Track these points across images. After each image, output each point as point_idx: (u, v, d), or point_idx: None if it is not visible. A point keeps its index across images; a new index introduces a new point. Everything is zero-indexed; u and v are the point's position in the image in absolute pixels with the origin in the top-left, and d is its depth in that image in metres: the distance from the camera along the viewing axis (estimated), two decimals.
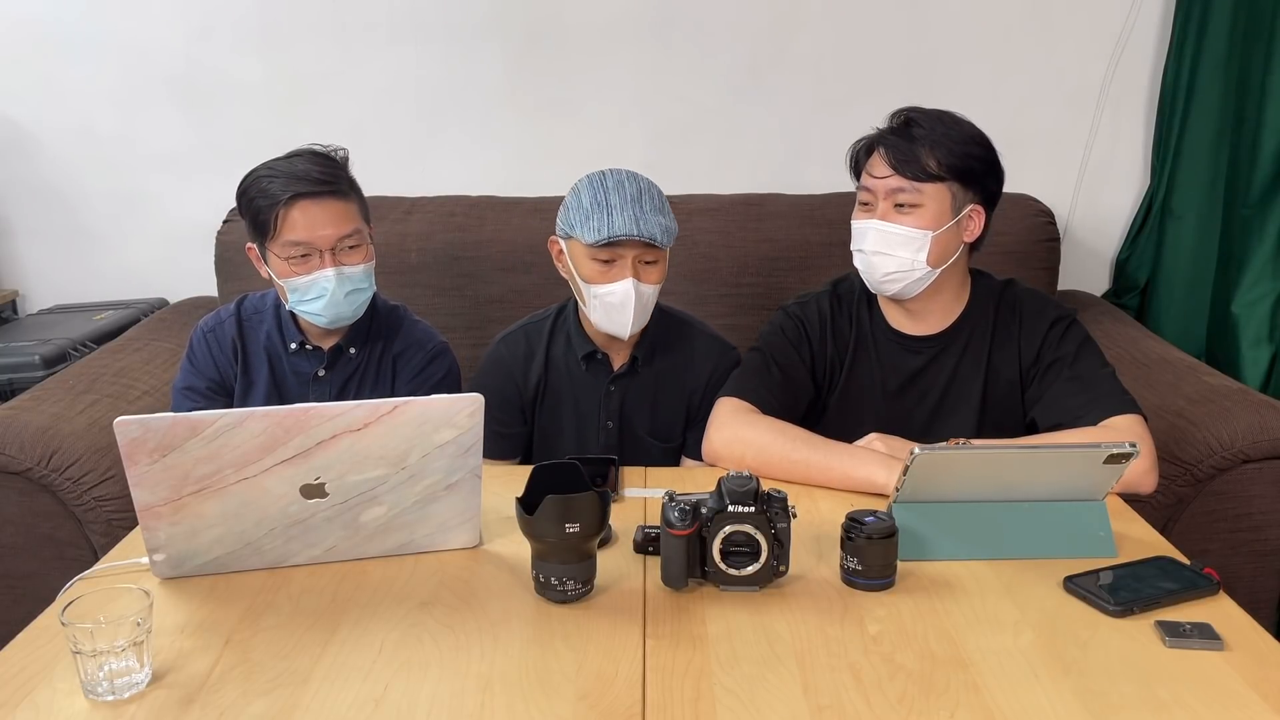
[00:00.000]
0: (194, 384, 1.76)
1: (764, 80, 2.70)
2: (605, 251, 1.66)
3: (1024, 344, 1.68)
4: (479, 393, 1.63)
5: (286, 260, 1.64)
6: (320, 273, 1.64)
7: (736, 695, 1.05)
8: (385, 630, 1.18)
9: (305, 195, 1.62)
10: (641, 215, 1.65)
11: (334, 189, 1.65)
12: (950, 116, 1.65)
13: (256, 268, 1.73)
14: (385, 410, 1.21)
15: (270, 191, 1.62)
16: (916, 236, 1.60)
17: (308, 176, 1.63)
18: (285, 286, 1.66)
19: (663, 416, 1.83)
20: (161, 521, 1.22)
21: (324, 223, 1.63)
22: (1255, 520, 1.96)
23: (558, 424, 1.84)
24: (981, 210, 1.65)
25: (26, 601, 1.50)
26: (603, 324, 1.72)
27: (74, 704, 1.05)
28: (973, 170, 1.62)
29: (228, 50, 2.67)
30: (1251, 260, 2.50)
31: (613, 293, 1.68)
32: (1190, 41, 2.54)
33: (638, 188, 1.69)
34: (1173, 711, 1.03)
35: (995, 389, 1.69)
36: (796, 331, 1.73)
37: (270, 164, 1.67)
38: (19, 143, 2.73)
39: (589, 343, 1.80)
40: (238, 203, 1.69)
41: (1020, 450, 1.42)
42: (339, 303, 1.66)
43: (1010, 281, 1.74)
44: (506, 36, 2.67)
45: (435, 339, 1.84)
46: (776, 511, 1.24)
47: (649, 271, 1.70)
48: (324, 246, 1.63)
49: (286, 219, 1.62)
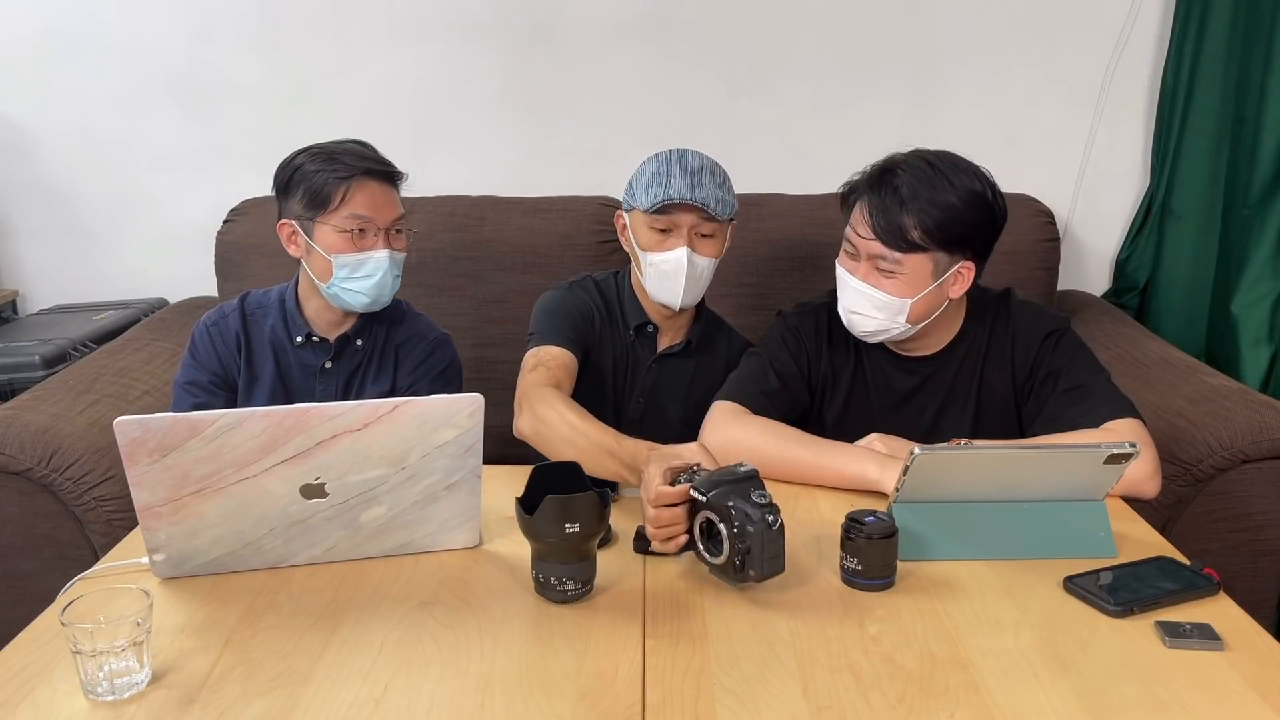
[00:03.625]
0: (196, 378, 1.77)
1: (764, 80, 2.70)
2: (662, 219, 1.72)
3: (1018, 360, 1.66)
4: (553, 307, 1.78)
5: (343, 234, 1.68)
6: (375, 251, 1.69)
7: (736, 695, 1.05)
8: (385, 630, 1.18)
9: (373, 175, 1.70)
10: (700, 184, 1.71)
11: (393, 175, 1.74)
12: (941, 171, 1.56)
13: (286, 246, 1.75)
14: (385, 410, 1.21)
15: (341, 164, 1.68)
16: (894, 303, 1.58)
17: (374, 158, 1.72)
18: (334, 262, 1.69)
19: (694, 405, 1.84)
20: (161, 521, 1.22)
21: (386, 204, 1.71)
22: (1255, 520, 1.96)
23: (599, 378, 1.85)
24: (972, 266, 1.60)
25: (26, 601, 1.49)
26: (656, 293, 1.77)
27: (74, 704, 1.05)
28: (958, 236, 1.56)
29: (228, 50, 2.67)
30: (1251, 260, 2.50)
31: (667, 260, 1.73)
32: (1190, 41, 2.53)
33: (700, 162, 1.75)
34: (1173, 712, 1.03)
35: (990, 406, 1.68)
36: (796, 342, 1.73)
37: (322, 146, 1.72)
38: (19, 143, 2.73)
39: (642, 314, 1.85)
40: (285, 176, 1.72)
41: (1020, 450, 1.42)
42: (386, 284, 1.72)
43: (1006, 293, 1.72)
44: (506, 36, 2.67)
45: (437, 330, 1.87)
46: (746, 513, 1.20)
47: (705, 244, 1.74)
48: (383, 225, 1.70)
49: (354, 193, 1.68)
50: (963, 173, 1.58)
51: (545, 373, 1.67)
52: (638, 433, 1.74)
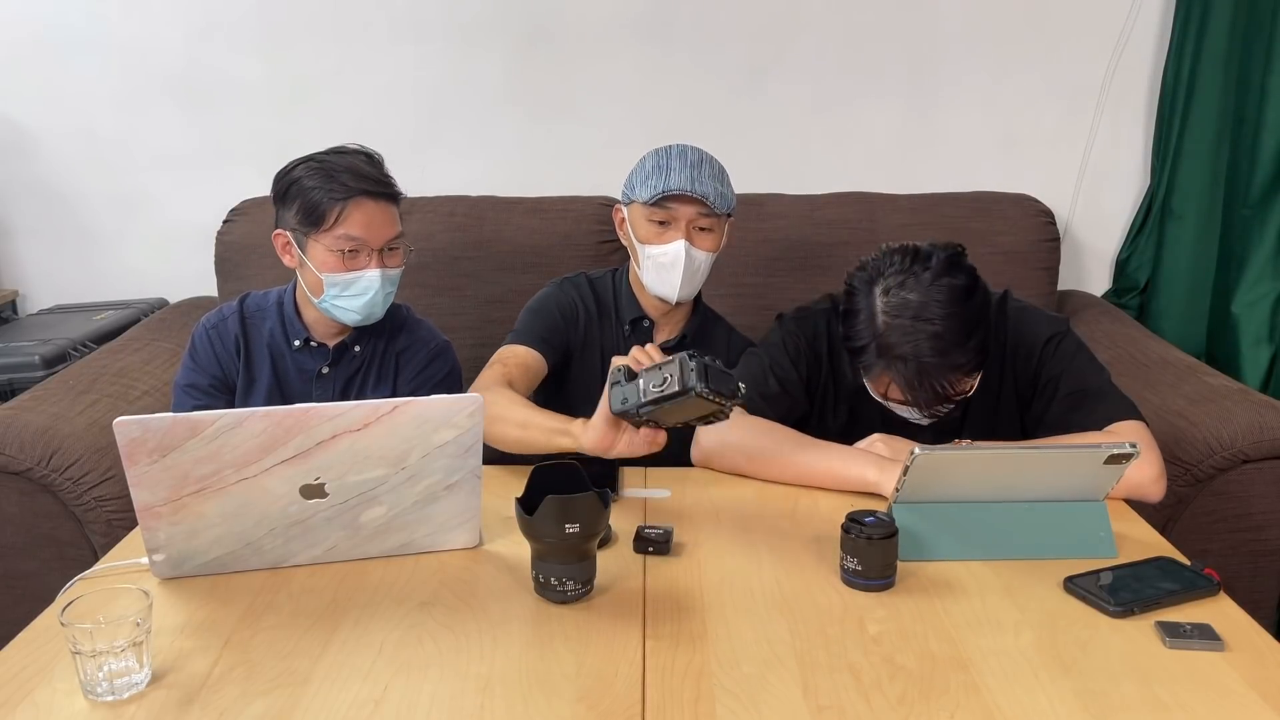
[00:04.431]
0: (196, 381, 1.76)
1: (764, 80, 2.70)
2: (661, 212, 1.74)
3: (1019, 367, 1.65)
4: (536, 305, 1.79)
5: (335, 254, 1.66)
6: (367, 271, 1.68)
7: (736, 696, 1.05)
8: (385, 630, 1.18)
9: (369, 195, 1.67)
10: (699, 178, 1.73)
11: (391, 193, 1.71)
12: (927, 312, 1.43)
13: (281, 255, 1.74)
14: (385, 410, 1.21)
15: (337, 184, 1.65)
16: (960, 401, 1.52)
17: (372, 177, 1.68)
18: (325, 280, 1.68)
19: None
20: (161, 521, 1.22)
21: (381, 224, 1.68)
22: (1255, 520, 1.96)
23: (591, 374, 1.85)
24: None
25: (26, 601, 1.49)
26: (654, 285, 1.79)
27: (74, 704, 1.05)
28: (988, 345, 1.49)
29: (228, 50, 2.67)
30: (1251, 260, 2.51)
31: (665, 253, 1.75)
32: (1190, 41, 2.54)
33: (699, 156, 1.77)
34: (1173, 712, 1.03)
35: (993, 415, 1.67)
36: (796, 348, 1.71)
37: (322, 157, 1.70)
38: (19, 143, 2.73)
39: (638, 308, 1.86)
40: (282, 188, 1.70)
41: (1021, 450, 1.42)
42: (377, 302, 1.71)
43: (1003, 298, 1.68)
44: (506, 36, 2.67)
45: (438, 338, 1.86)
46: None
47: (702, 238, 1.76)
48: (376, 246, 1.68)
49: (348, 214, 1.65)
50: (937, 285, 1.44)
51: (500, 369, 1.70)
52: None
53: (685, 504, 1.51)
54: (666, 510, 1.49)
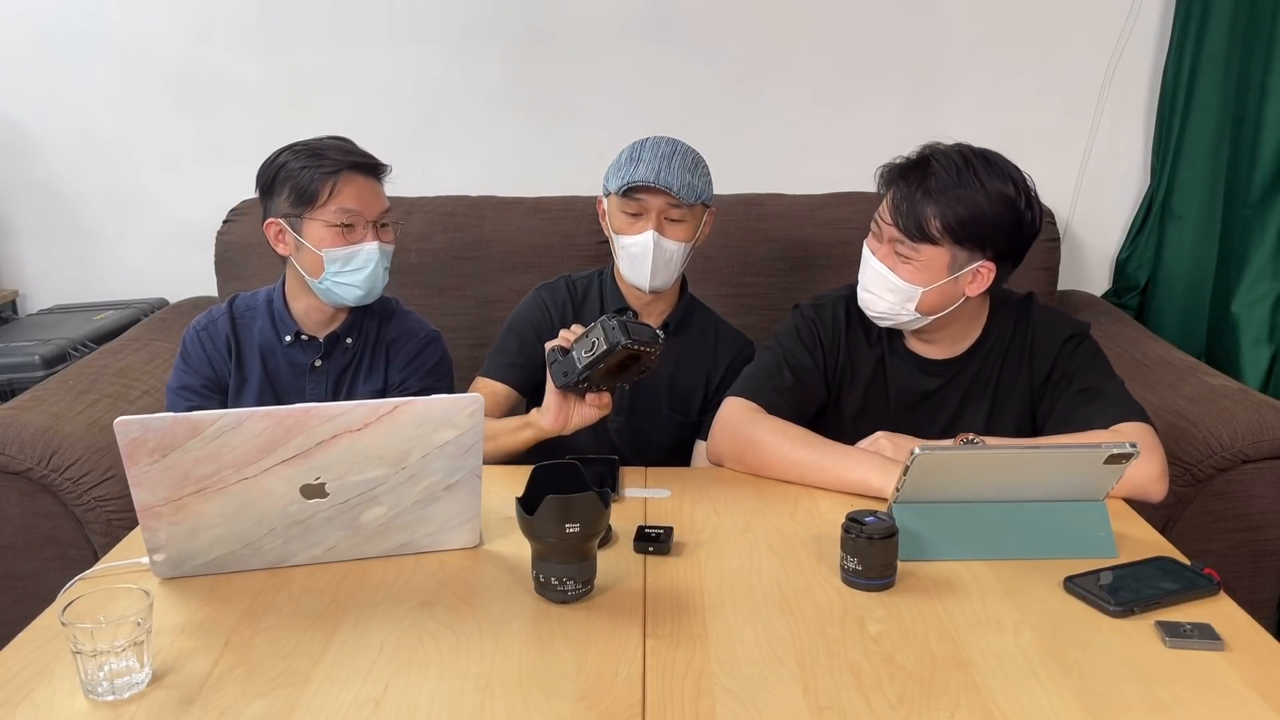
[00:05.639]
0: (189, 383, 1.77)
1: (764, 80, 2.70)
2: (631, 203, 1.77)
3: (1037, 363, 1.66)
4: (510, 323, 1.84)
5: (333, 229, 1.68)
6: (365, 244, 1.70)
7: (736, 695, 1.05)
8: (385, 630, 1.18)
9: (357, 169, 1.70)
10: (668, 169, 1.75)
11: (378, 169, 1.75)
12: (974, 168, 1.55)
13: (274, 245, 1.74)
14: (385, 410, 1.21)
15: (326, 160, 1.69)
16: (905, 288, 1.58)
17: (358, 152, 1.73)
18: (325, 257, 1.69)
19: (681, 389, 1.88)
20: (161, 521, 1.22)
21: (372, 197, 1.72)
22: (1255, 520, 1.96)
23: None
24: (992, 267, 1.57)
25: (26, 601, 1.50)
26: (628, 275, 1.82)
27: (74, 704, 1.05)
28: (978, 235, 1.54)
29: (228, 50, 2.67)
30: (1251, 260, 2.50)
31: (635, 243, 1.77)
32: (1190, 41, 2.54)
33: (672, 148, 1.79)
34: (1173, 712, 1.03)
35: (1008, 408, 1.67)
36: (811, 334, 1.72)
37: (304, 143, 1.73)
38: (19, 143, 2.73)
39: (622, 300, 1.88)
40: (268, 177, 1.72)
41: (1021, 450, 1.42)
42: (377, 276, 1.73)
43: (1028, 298, 1.71)
44: (506, 36, 2.67)
45: (427, 327, 1.88)
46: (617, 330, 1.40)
47: (674, 228, 1.78)
48: (370, 218, 1.71)
49: (341, 188, 1.68)
50: (997, 174, 1.56)
51: None
52: (626, 416, 1.81)
53: (685, 504, 1.51)
54: (666, 510, 1.49)
